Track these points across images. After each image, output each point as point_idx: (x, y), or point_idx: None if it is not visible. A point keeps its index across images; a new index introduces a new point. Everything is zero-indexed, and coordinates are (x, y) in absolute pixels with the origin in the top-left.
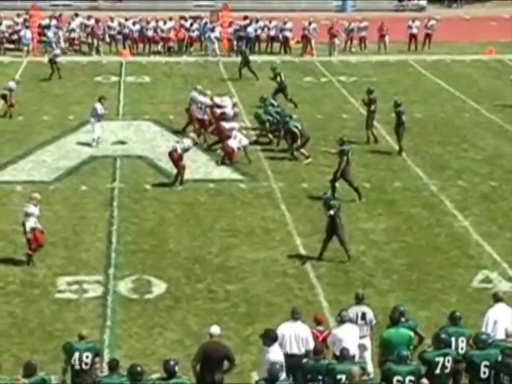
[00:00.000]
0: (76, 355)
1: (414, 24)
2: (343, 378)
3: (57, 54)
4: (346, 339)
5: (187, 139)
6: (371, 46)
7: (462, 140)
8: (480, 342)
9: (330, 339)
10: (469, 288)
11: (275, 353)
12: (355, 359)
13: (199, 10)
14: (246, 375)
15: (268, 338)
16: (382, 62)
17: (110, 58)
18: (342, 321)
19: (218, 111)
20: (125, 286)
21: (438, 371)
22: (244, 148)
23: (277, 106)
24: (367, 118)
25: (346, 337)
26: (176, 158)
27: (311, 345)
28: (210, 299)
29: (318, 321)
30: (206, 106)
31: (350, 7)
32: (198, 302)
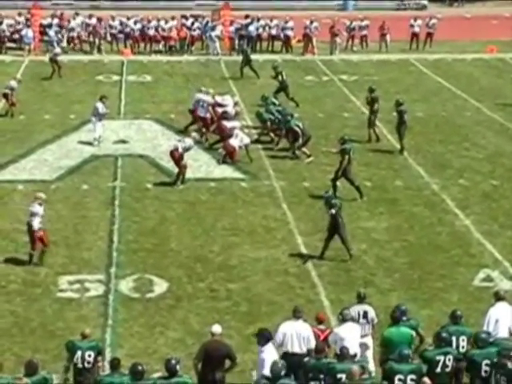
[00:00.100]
0: (78, 354)
1: (416, 23)
2: (343, 377)
3: (57, 53)
4: (347, 338)
5: (188, 138)
6: (372, 45)
7: (463, 139)
8: (480, 341)
9: (331, 338)
10: (470, 287)
11: (269, 353)
12: (357, 358)
13: (201, 8)
14: (248, 374)
15: (262, 338)
16: (384, 61)
17: (111, 57)
18: (343, 319)
19: (220, 110)
20: (126, 285)
21: (438, 370)
22: (245, 147)
23: (278, 105)
24: (369, 117)
25: (348, 336)
26: (177, 157)
27: (312, 344)
28: (212, 298)
29: (319, 320)
30: (208, 104)
31: (351, 6)
32: (199, 301)
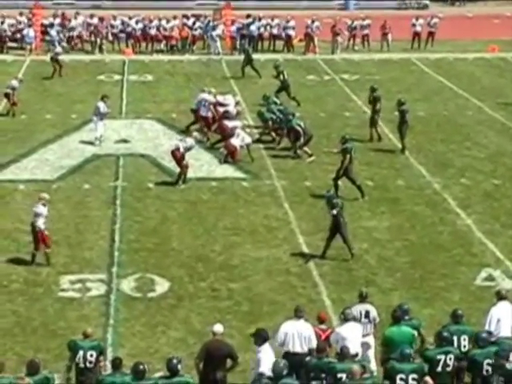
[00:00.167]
0: (80, 353)
1: (418, 22)
2: (344, 376)
3: (58, 53)
4: (349, 337)
5: (190, 138)
6: (374, 44)
7: (464, 138)
8: (480, 341)
9: (333, 337)
10: (472, 286)
11: (266, 352)
12: (358, 357)
13: (202, 8)
14: (249, 373)
15: (259, 338)
16: (385, 60)
17: (112, 57)
18: (345, 319)
19: (221, 109)
20: (128, 285)
21: (439, 369)
22: (247, 146)
23: (280, 104)
24: (372, 117)
25: (350, 335)
26: (179, 156)
27: (314, 343)
28: (213, 297)
29: (321, 319)
30: (210, 103)
31: (352, 5)
32: (200, 301)
